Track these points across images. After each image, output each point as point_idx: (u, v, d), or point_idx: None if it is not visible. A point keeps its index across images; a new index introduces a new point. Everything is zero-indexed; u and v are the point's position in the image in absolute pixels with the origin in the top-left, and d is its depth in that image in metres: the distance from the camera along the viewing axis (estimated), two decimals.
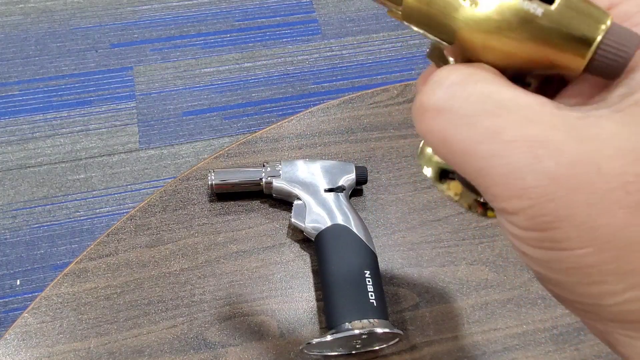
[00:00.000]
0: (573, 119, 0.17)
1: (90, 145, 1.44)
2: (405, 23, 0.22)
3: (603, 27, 0.18)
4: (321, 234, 0.50)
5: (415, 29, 0.22)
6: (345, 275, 0.48)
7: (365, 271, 0.48)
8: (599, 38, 0.18)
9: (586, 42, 0.18)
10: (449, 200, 0.25)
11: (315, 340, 0.45)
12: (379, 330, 0.44)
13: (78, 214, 1.34)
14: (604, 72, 0.18)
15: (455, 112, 0.19)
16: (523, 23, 0.18)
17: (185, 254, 0.54)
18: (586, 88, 0.20)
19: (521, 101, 0.18)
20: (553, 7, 0.18)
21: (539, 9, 0.18)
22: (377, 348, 0.48)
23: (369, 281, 0.47)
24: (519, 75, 0.20)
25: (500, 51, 0.19)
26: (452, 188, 0.25)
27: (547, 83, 0.21)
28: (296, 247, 0.54)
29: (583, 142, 0.17)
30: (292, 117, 0.62)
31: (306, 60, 1.60)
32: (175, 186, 0.57)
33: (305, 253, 0.54)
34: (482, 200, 0.25)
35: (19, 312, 1.22)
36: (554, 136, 0.17)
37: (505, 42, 0.19)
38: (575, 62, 0.18)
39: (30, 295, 1.24)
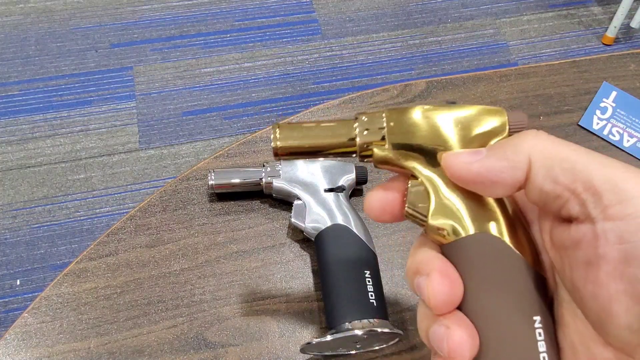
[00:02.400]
0: None
1: (90, 145, 1.44)
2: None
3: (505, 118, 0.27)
4: (321, 234, 0.50)
5: None
6: (345, 275, 0.47)
7: (365, 271, 0.48)
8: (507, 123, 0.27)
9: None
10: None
11: (315, 340, 0.45)
12: (379, 330, 0.44)
13: (78, 214, 1.34)
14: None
15: None
16: None
17: (185, 254, 0.54)
18: None
19: None
20: None
21: None
22: (377, 348, 0.48)
23: (369, 281, 0.47)
24: None
25: None
26: None
27: None
28: (296, 247, 0.54)
29: None
30: (292, 117, 0.62)
31: (306, 60, 1.60)
32: (175, 186, 0.57)
33: (305, 253, 0.54)
34: None
35: (19, 312, 1.22)
36: None
37: None
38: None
39: (30, 295, 1.24)
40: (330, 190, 0.53)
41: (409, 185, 0.28)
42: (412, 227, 0.56)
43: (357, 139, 0.29)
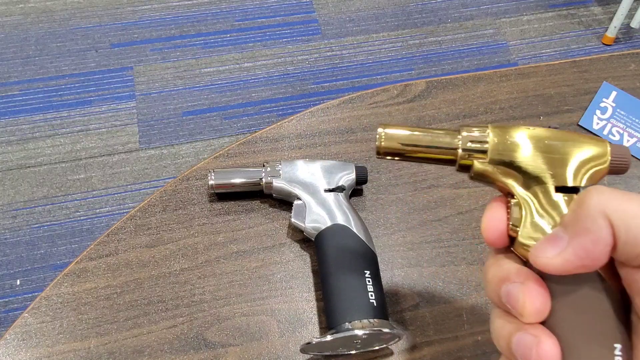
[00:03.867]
0: None
1: (90, 145, 1.44)
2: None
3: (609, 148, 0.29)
4: (321, 234, 0.50)
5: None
6: (345, 275, 0.47)
7: (365, 271, 0.48)
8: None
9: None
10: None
11: (315, 340, 0.44)
12: (379, 330, 0.44)
13: (78, 214, 1.34)
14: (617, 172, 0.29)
15: None
16: None
17: (185, 254, 0.54)
18: None
19: None
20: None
21: None
22: (377, 348, 0.48)
23: (369, 281, 0.47)
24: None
25: None
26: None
27: None
28: (296, 247, 0.54)
29: None
30: (292, 117, 0.62)
31: (306, 60, 1.60)
32: (175, 186, 0.57)
33: (305, 253, 0.54)
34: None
35: (19, 312, 1.22)
36: None
37: None
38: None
39: (30, 295, 1.24)
40: (330, 190, 0.53)
41: (511, 203, 0.28)
42: (412, 227, 0.56)
43: (459, 150, 0.30)
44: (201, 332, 0.50)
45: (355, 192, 0.57)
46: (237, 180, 0.55)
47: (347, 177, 0.54)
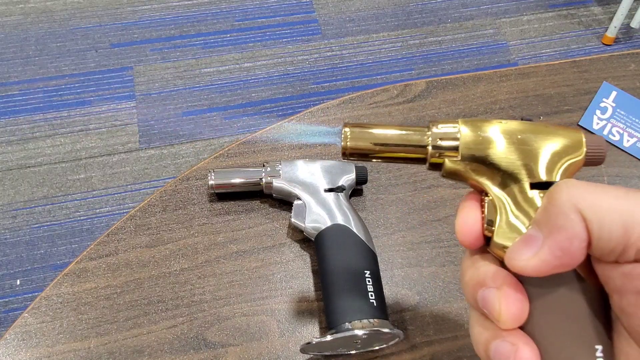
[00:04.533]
0: None
1: (90, 145, 1.44)
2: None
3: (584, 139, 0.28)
4: (321, 234, 0.50)
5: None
6: (345, 275, 0.47)
7: (365, 271, 0.48)
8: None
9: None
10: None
11: (315, 340, 0.44)
12: (379, 330, 0.44)
13: (78, 214, 1.34)
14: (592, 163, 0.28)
15: None
16: None
17: (185, 254, 0.54)
18: None
19: None
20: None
21: None
22: (377, 348, 0.48)
23: (369, 281, 0.47)
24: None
25: None
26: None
27: None
28: (296, 247, 0.54)
29: None
30: (292, 117, 0.62)
31: (306, 60, 1.60)
32: (175, 186, 0.57)
33: (305, 253, 0.54)
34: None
35: (19, 312, 1.22)
36: None
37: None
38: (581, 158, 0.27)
39: (30, 295, 1.24)
40: (330, 190, 0.53)
41: (485, 202, 0.27)
42: (412, 227, 0.56)
43: (429, 147, 0.28)
44: (201, 332, 0.50)
45: (355, 192, 0.57)
46: (237, 180, 0.55)
47: (347, 177, 0.54)
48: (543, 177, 0.26)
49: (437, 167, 0.28)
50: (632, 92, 0.64)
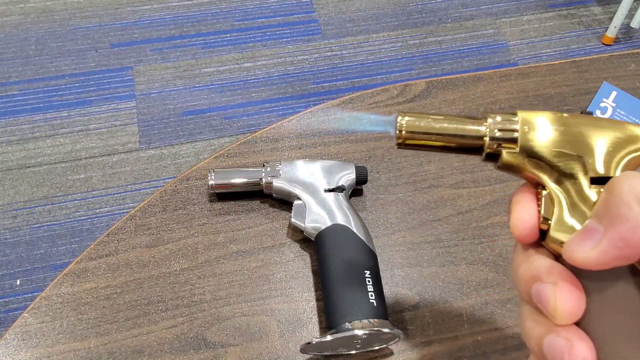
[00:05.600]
0: None
1: (90, 145, 1.44)
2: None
3: None
4: (321, 234, 0.50)
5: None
6: (345, 275, 0.47)
7: (365, 271, 0.48)
8: None
9: None
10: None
11: (315, 340, 0.44)
12: (379, 330, 0.44)
13: (78, 214, 1.34)
14: None
15: None
16: None
17: (185, 254, 0.54)
18: None
19: None
20: None
21: None
22: (377, 348, 0.48)
23: (369, 281, 0.47)
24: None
25: None
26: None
27: None
28: (296, 247, 0.54)
29: None
30: (292, 117, 0.62)
31: (306, 60, 1.60)
32: (175, 186, 0.57)
33: (305, 253, 0.54)
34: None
35: (19, 312, 1.22)
36: None
37: None
38: None
39: (30, 295, 1.24)
40: (330, 190, 0.53)
41: (543, 196, 0.27)
42: (412, 227, 0.56)
43: (487, 138, 0.27)
44: (201, 332, 0.50)
45: (355, 192, 0.57)
46: (237, 180, 0.55)
47: (347, 177, 0.54)
48: (602, 171, 0.26)
49: (493, 158, 0.28)
50: (632, 92, 0.64)
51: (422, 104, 0.63)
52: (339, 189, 0.53)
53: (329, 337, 0.44)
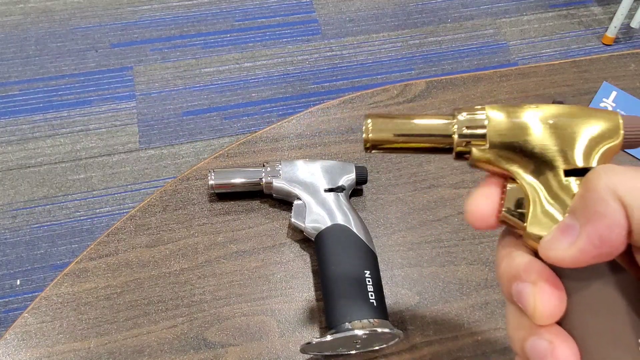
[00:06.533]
0: None
1: (90, 145, 1.44)
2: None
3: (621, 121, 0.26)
4: (321, 234, 0.50)
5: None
6: (345, 275, 0.47)
7: (365, 271, 0.48)
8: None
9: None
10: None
11: (315, 340, 0.45)
12: (379, 330, 0.44)
13: (78, 214, 1.34)
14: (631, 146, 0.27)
15: None
16: None
17: (185, 254, 0.54)
18: None
19: None
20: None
21: None
22: (377, 348, 0.48)
23: (369, 281, 0.47)
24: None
25: None
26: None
27: None
28: (296, 247, 0.54)
29: None
30: (292, 117, 0.62)
31: (306, 60, 1.60)
32: (175, 186, 0.57)
33: (305, 253, 0.54)
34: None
35: (19, 312, 1.22)
36: None
37: None
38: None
39: (30, 295, 1.24)
40: (330, 190, 0.53)
41: (507, 189, 0.26)
42: (412, 227, 0.56)
43: (455, 136, 0.26)
44: (201, 332, 0.50)
45: (355, 192, 0.57)
46: (237, 180, 0.55)
47: (347, 177, 0.54)
48: (579, 162, 0.25)
49: (463, 156, 0.27)
50: (632, 92, 0.64)
51: (422, 104, 0.63)
52: (339, 189, 0.53)
53: (329, 337, 0.44)
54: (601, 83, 0.65)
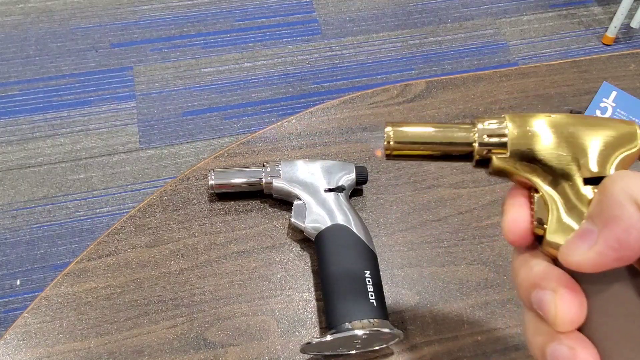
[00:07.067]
0: None
1: (90, 145, 1.44)
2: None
3: None
4: (321, 234, 0.50)
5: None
6: (345, 275, 0.47)
7: (365, 271, 0.48)
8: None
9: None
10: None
11: (315, 340, 0.45)
12: (379, 330, 0.44)
13: (78, 214, 1.34)
14: None
15: None
16: None
17: (185, 254, 0.54)
18: None
19: None
20: None
21: None
22: (377, 348, 0.48)
23: (369, 281, 0.47)
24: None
25: None
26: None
27: None
28: (296, 247, 0.54)
29: None
30: (292, 117, 0.62)
31: (306, 60, 1.60)
32: (175, 186, 0.57)
33: (305, 253, 0.54)
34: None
35: (19, 312, 1.22)
36: None
37: None
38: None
39: (30, 295, 1.24)
40: (330, 190, 0.53)
41: (535, 199, 0.26)
42: (412, 227, 0.56)
43: (476, 145, 0.27)
44: (201, 332, 0.50)
45: (355, 192, 0.57)
46: (237, 180, 0.55)
47: (347, 177, 0.54)
48: (596, 171, 0.25)
49: (484, 164, 0.27)
50: (632, 92, 0.64)
51: (422, 104, 0.63)
52: (339, 189, 0.53)
53: (329, 337, 0.44)
54: (601, 83, 0.65)
